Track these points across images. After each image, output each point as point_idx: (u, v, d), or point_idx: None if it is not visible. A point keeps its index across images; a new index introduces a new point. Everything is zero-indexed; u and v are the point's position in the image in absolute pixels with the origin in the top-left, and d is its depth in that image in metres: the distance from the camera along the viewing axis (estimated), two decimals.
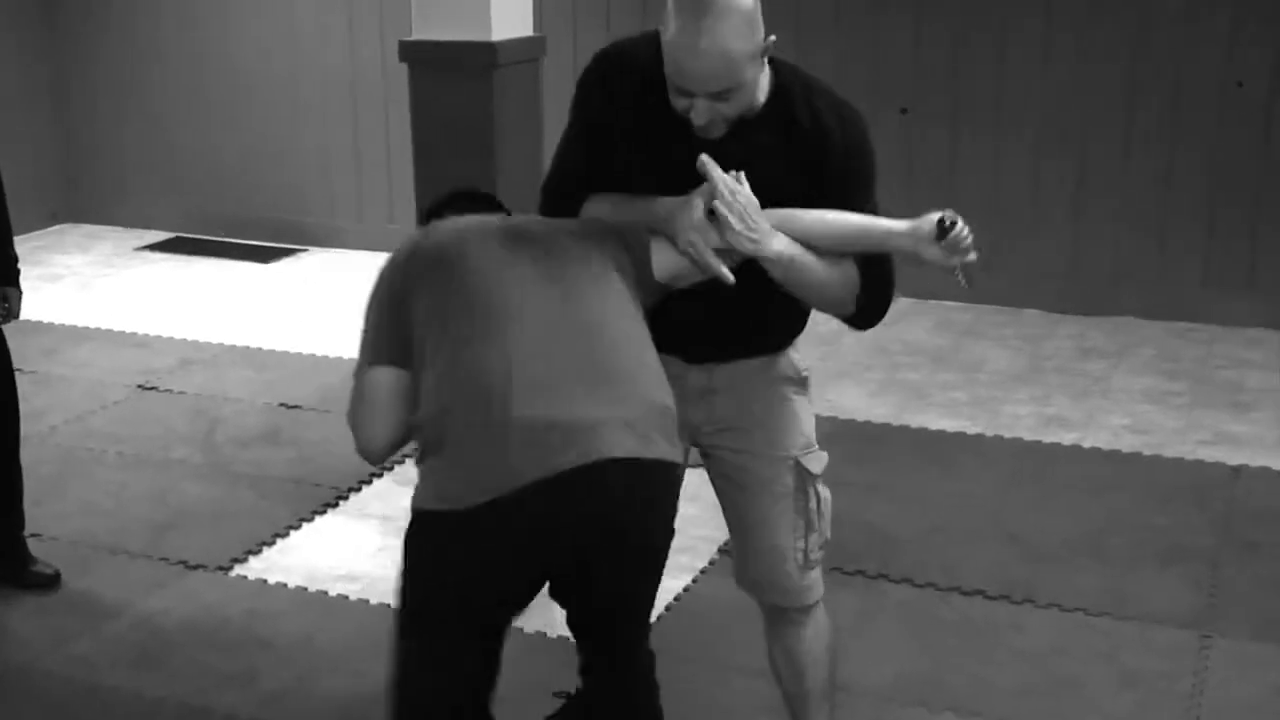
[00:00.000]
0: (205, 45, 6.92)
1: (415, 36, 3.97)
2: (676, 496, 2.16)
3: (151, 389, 4.93)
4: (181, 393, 4.89)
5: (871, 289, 2.31)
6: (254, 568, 3.64)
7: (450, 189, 2.51)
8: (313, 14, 6.65)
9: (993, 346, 5.37)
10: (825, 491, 2.46)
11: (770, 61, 2.23)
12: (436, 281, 2.14)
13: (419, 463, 2.08)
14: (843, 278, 2.27)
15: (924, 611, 3.39)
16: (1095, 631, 3.29)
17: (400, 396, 2.17)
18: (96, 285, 6.34)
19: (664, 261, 2.23)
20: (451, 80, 3.87)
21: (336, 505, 4.00)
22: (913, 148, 5.83)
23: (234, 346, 5.39)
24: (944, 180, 5.80)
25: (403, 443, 2.21)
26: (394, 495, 3.96)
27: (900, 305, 5.83)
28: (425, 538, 2.03)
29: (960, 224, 2.22)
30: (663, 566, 2.17)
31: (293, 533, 3.83)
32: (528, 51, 4.02)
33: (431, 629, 2.08)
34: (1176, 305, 5.61)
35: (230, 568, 3.63)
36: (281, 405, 4.76)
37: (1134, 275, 5.67)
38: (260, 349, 5.36)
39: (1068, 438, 4.47)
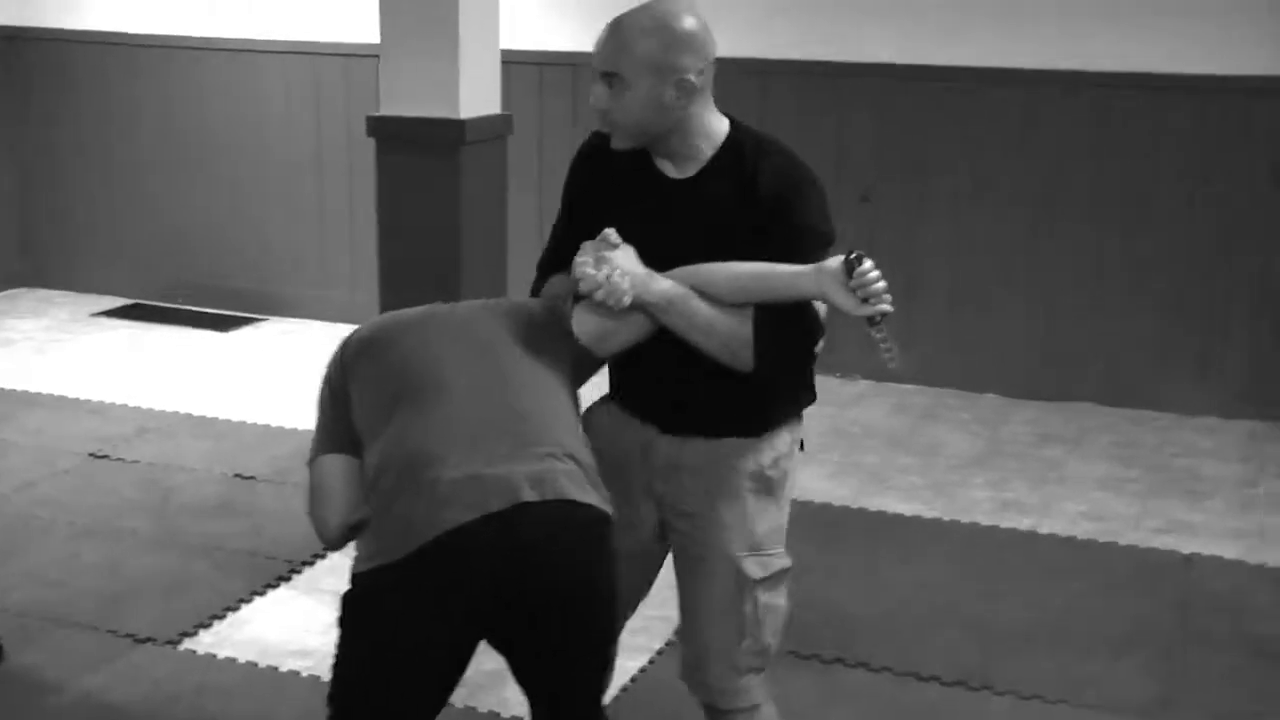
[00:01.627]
0: (169, 112, 6.93)
1: (383, 112, 4.01)
2: (602, 540, 2.14)
3: (104, 457, 4.89)
4: (135, 461, 4.85)
5: (774, 335, 2.25)
6: (204, 641, 3.59)
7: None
8: (279, 84, 6.69)
9: (951, 430, 5.41)
10: (771, 599, 2.38)
11: (731, 121, 2.34)
12: (369, 368, 2.30)
13: (354, 536, 2.23)
14: (731, 323, 2.24)
15: (880, 697, 3.38)
16: (1053, 718, 3.29)
17: (349, 481, 2.30)
18: (51, 351, 6.29)
19: (583, 324, 2.32)
20: (418, 155, 3.90)
21: (289, 579, 3.96)
22: (874, 233, 5.90)
23: (190, 415, 5.35)
24: (903, 263, 5.86)
25: (359, 527, 2.27)
26: (347, 570, 3.91)
27: (859, 387, 5.87)
28: (361, 596, 2.11)
29: (868, 262, 2.19)
30: (600, 616, 2.17)
31: (244, 606, 3.78)
32: (495, 129, 4.07)
33: (370, 696, 2.10)
34: (1133, 392, 5.68)
35: (180, 641, 3.58)
36: (236, 476, 4.72)
37: (1092, 362, 5.74)
38: (216, 418, 5.32)
39: (1024, 523, 4.49)
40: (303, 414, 2.45)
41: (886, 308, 2.20)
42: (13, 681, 3.36)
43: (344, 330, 2.49)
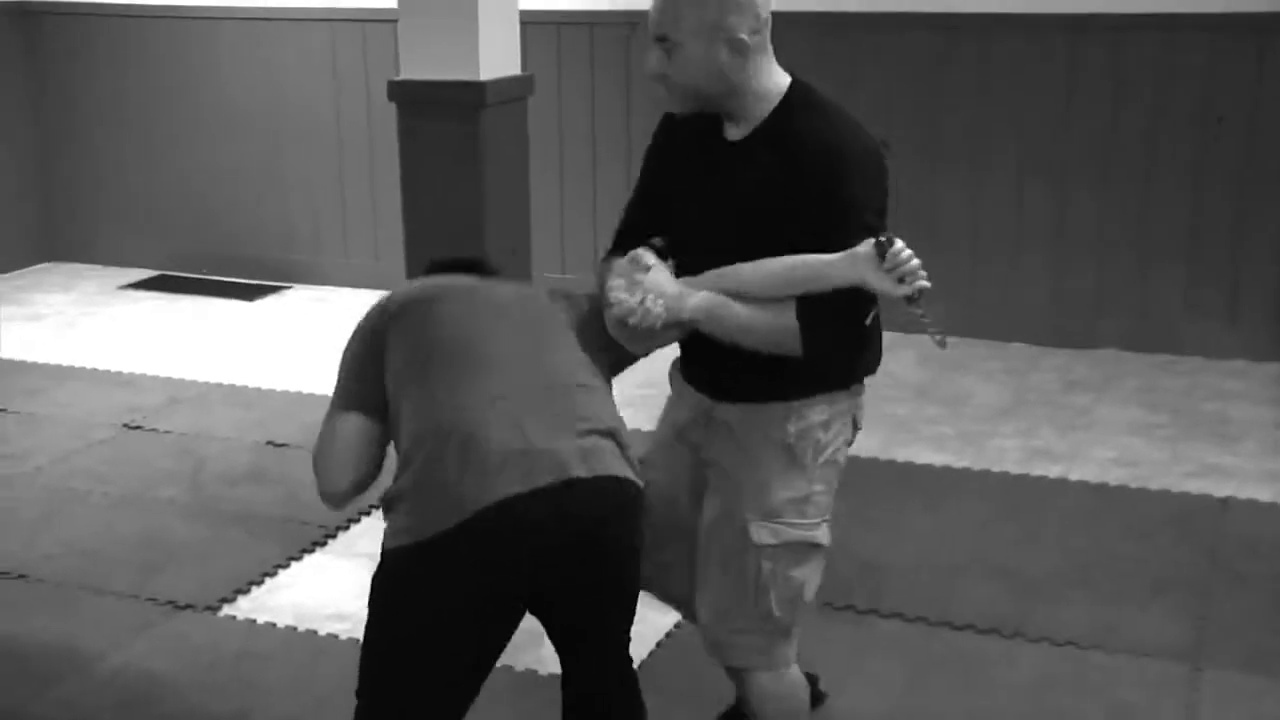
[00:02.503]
0: (188, 83, 6.93)
1: (403, 76, 3.99)
2: (639, 512, 2.18)
3: (137, 428, 4.92)
4: (167, 432, 4.88)
5: (819, 318, 2.22)
6: (242, 608, 3.62)
7: (436, 260, 2.56)
8: (297, 51, 6.67)
9: (978, 380, 5.39)
10: (781, 569, 2.35)
11: (793, 79, 2.31)
12: (408, 333, 2.26)
13: (387, 510, 2.11)
14: (770, 319, 2.22)
15: (915, 646, 3.39)
16: (1086, 664, 3.30)
17: (368, 444, 2.27)
18: (80, 324, 6.32)
19: (619, 331, 2.32)
20: (440, 119, 3.88)
21: (325, 544, 3.98)
22: (893, 181, 5.85)
23: (220, 384, 5.38)
24: (924, 214, 5.83)
25: (362, 490, 2.29)
26: (382, 534, 3.95)
27: (885, 339, 5.83)
28: (401, 573, 2.05)
29: (899, 242, 2.18)
30: (635, 581, 2.21)
31: (281, 572, 3.81)
32: (515, 90, 4.05)
33: (407, 673, 2.07)
34: (1159, 337, 5.64)
35: (218, 608, 3.61)
36: (268, 443, 4.75)
37: (1116, 308, 5.71)
38: (246, 387, 5.35)
39: (1054, 470, 4.48)
40: (331, 380, 2.40)
41: (924, 284, 2.19)
42: (56, 648, 3.40)
43: (370, 296, 2.48)
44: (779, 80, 2.30)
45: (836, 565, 3.76)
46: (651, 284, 2.24)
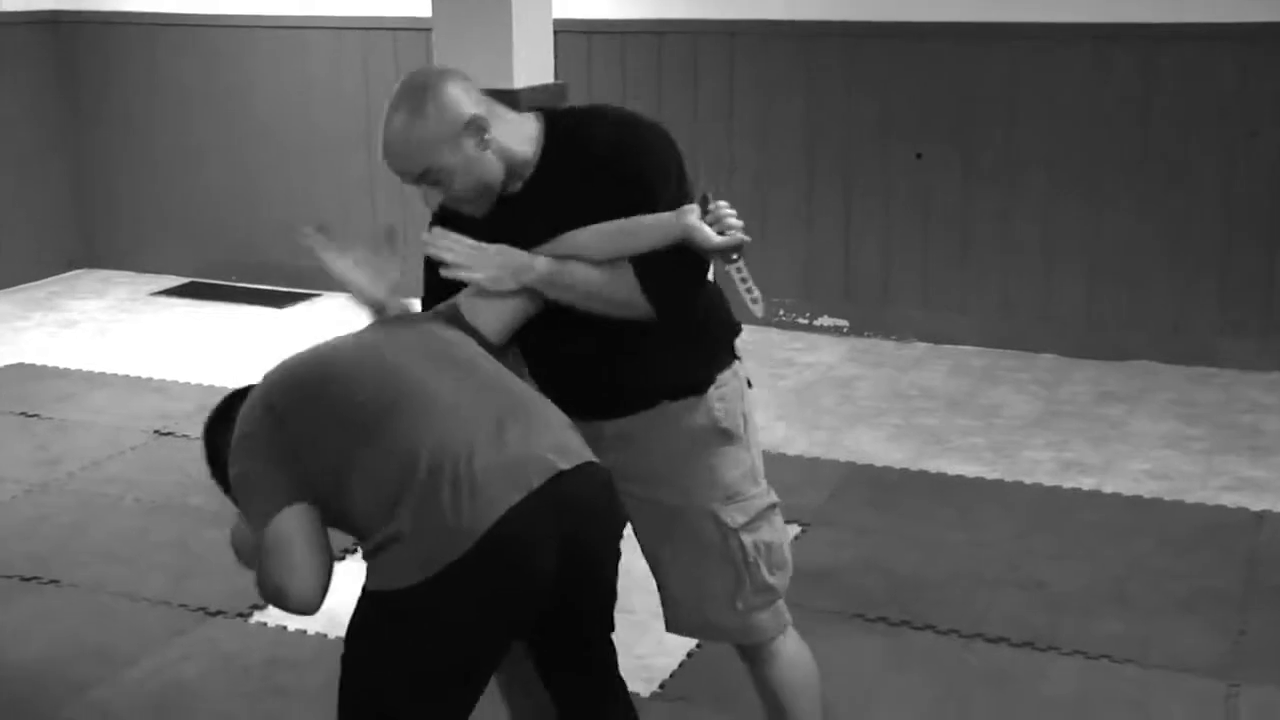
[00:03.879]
0: (219, 91, 6.96)
1: None
2: (614, 487, 2.20)
3: (169, 434, 4.94)
4: (199, 439, 4.87)
5: (658, 272, 2.28)
6: (274, 614, 3.62)
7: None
8: (328, 56, 6.70)
9: (1010, 391, 5.37)
10: (760, 537, 2.41)
11: (541, 113, 2.35)
12: (320, 414, 2.11)
13: (375, 554, 2.04)
14: (614, 277, 2.28)
15: (948, 659, 3.37)
16: (1121, 679, 3.27)
17: (318, 529, 2.11)
18: (113, 330, 6.36)
19: (476, 312, 2.30)
20: None
21: (355, 550, 3.98)
22: (928, 191, 5.85)
23: None
24: (958, 224, 5.81)
25: (331, 576, 2.13)
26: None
27: (916, 350, 5.84)
28: (418, 610, 2.00)
29: (720, 201, 2.29)
30: (616, 562, 2.22)
31: None
32: (549, 98, 4.05)
33: (427, 708, 2.05)
34: (1192, 350, 5.61)
35: (249, 614, 3.62)
36: None
37: (1149, 320, 5.67)
38: None
39: (1087, 483, 4.45)
40: None
41: (741, 236, 2.27)
42: (89, 653, 3.41)
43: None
44: (526, 122, 2.34)
45: (867, 578, 3.76)
46: (463, 246, 2.28)
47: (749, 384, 2.51)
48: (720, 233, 2.26)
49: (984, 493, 4.39)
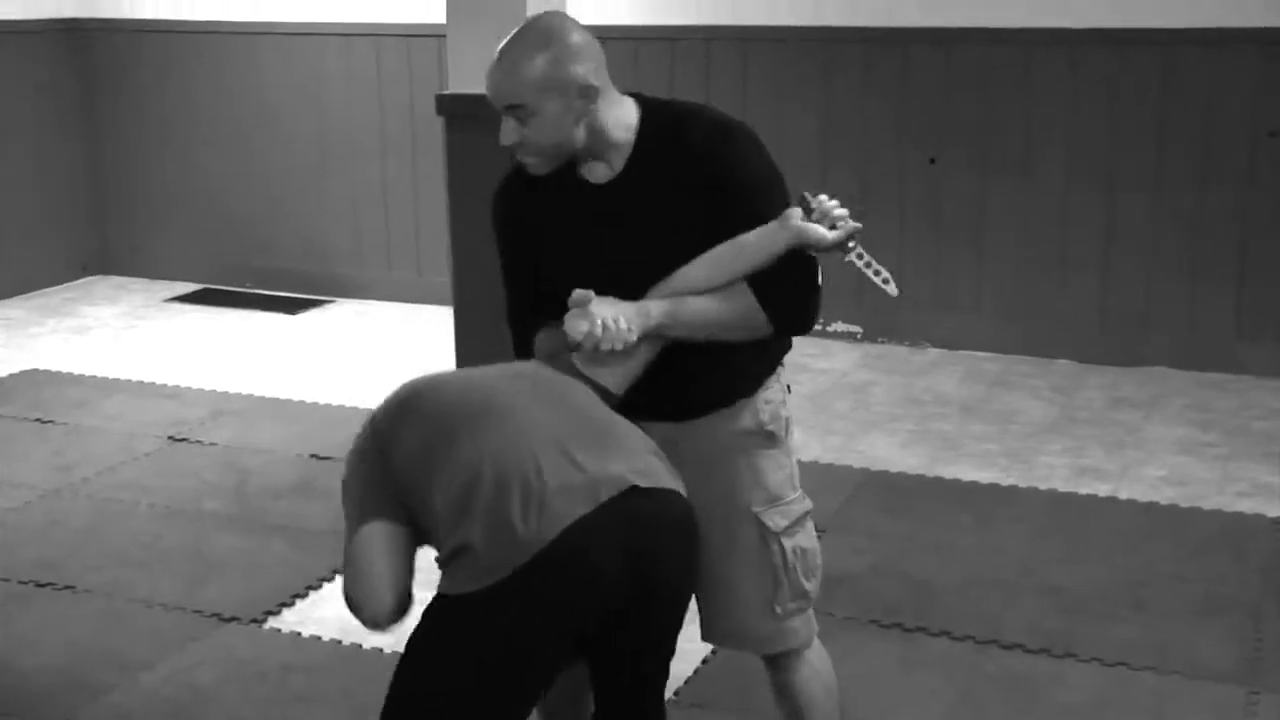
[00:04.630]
0: (235, 98, 6.99)
1: (452, 89, 4.01)
2: (696, 529, 2.19)
3: (182, 440, 4.95)
4: (212, 444, 4.90)
5: (776, 287, 2.27)
6: (288, 620, 3.63)
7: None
8: (341, 62, 6.72)
9: (1024, 397, 5.36)
10: (798, 542, 2.42)
11: (640, 101, 2.33)
12: (413, 427, 2.17)
13: (447, 564, 2.06)
14: (733, 305, 2.27)
15: (964, 665, 3.36)
16: (1139, 686, 3.25)
17: (400, 549, 2.16)
18: (126, 337, 6.37)
19: (595, 371, 2.27)
20: (489, 133, 3.86)
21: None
22: (940, 199, 5.84)
23: (264, 398, 5.40)
24: (971, 229, 5.80)
25: (409, 603, 2.17)
26: (427, 546, 3.95)
27: (929, 356, 5.83)
28: (478, 617, 2.02)
29: (822, 195, 2.27)
30: (687, 599, 2.22)
31: (325, 585, 3.81)
32: None
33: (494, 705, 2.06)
34: (1208, 355, 5.59)
35: (264, 620, 3.62)
36: (313, 456, 4.76)
37: (1165, 324, 5.65)
38: (290, 400, 5.37)
39: (1103, 489, 4.44)
40: (376, 393, 2.36)
41: (853, 224, 2.27)
42: (105, 658, 3.42)
43: (413, 311, 2.44)
44: (628, 107, 2.33)
45: (881, 583, 3.75)
46: (603, 310, 2.24)
47: (789, 389, 2.51)
48: (831, 227, 2.24)
49: (999, 498, 4.38)
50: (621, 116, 2.30)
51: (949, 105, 5.78)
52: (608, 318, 2.21)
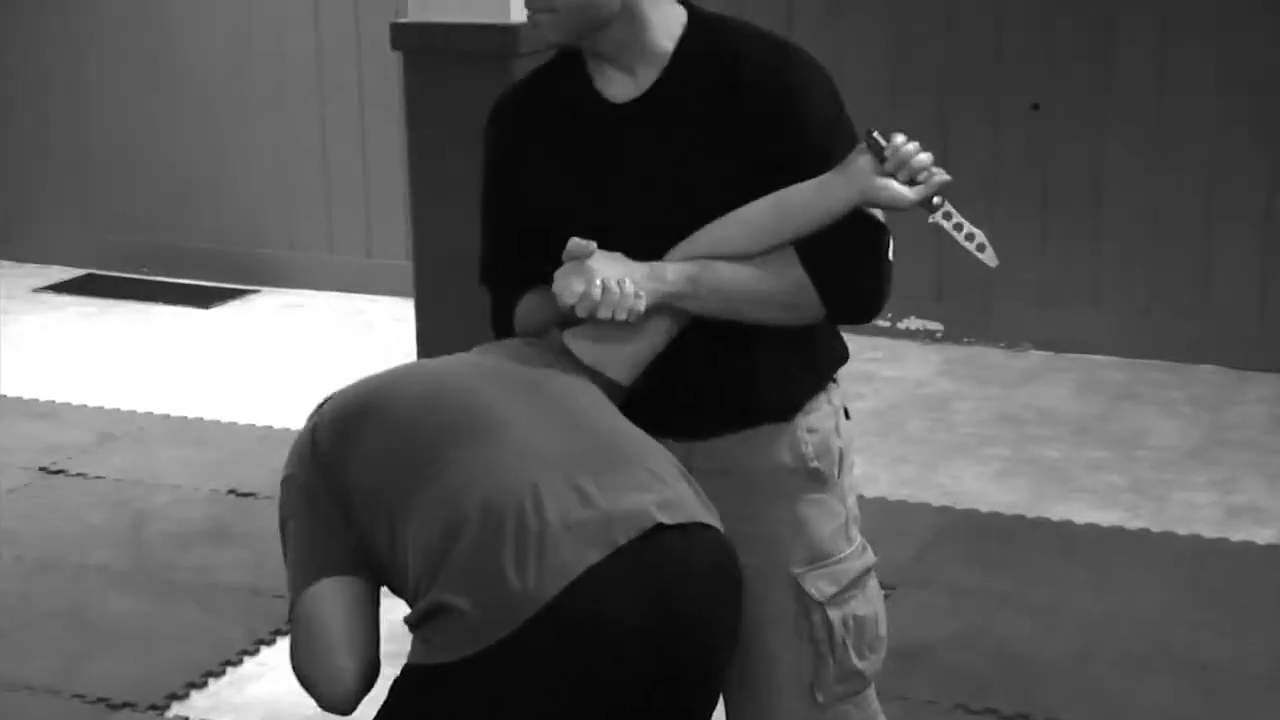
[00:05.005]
0: (133, 43, 6.99)
1: (411, 17, 4.03)
2: (737, 568, 2.18)
3: (59, 472, 4.96)
4: (99, 477, 4.92)
5: (835, 259, 2.25)
6: (198, 705, 3.64)
7: None
8: (271, 6, 6.73)
9: (1157, 414, 5.36)
10: (850, 610, 2.39)
11: (689, 9, 2.34)
12: (370, 441, 2.17)
13: (422, 621, 2.06)
14: (776, 276, 2.26)
15: None
16: None
17: (362, 608, 2.16)
18: None
19: (594, 353, 2.28)
20: (460, 73, 3.90)
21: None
22: (1046, 153, 5.84)
23: (166, 416, 5.42)
24: (1087, 196, 5.80)
25: (375, 671, 2.18)
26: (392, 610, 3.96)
27: (1030, 360, 5.84)
28: (463, 693, 2.02)
29: (898, 136, 2.20)
30: (726, 664, 2.21)
31: (247, 659, 3.83)
32: None
33: None
34: None
35: (166, 706, 3.63)
36: (230, 493, 4.78)
37: None
38: (200, 419, 5.39)
39: (1262, 535, 4.44)
40: (309, 410, 2.35)
41: (940, 176, 2.21)
42: None
43: (360, 302, 2.42)
44: (675, 11, 2.34)
45: (971, 656, 3.75)
46: (605, 268, 2.23)
47: (846, 414, 2.48)
48: (910, 181, 2.20)
49: (1123, 546, 4.38)
50: (663, 19, 2.31)
51: (1056, 33, 5.78)
52: (610, 278, 2.20)
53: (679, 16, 2.34)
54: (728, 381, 2.35)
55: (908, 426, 5.28)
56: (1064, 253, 5.90)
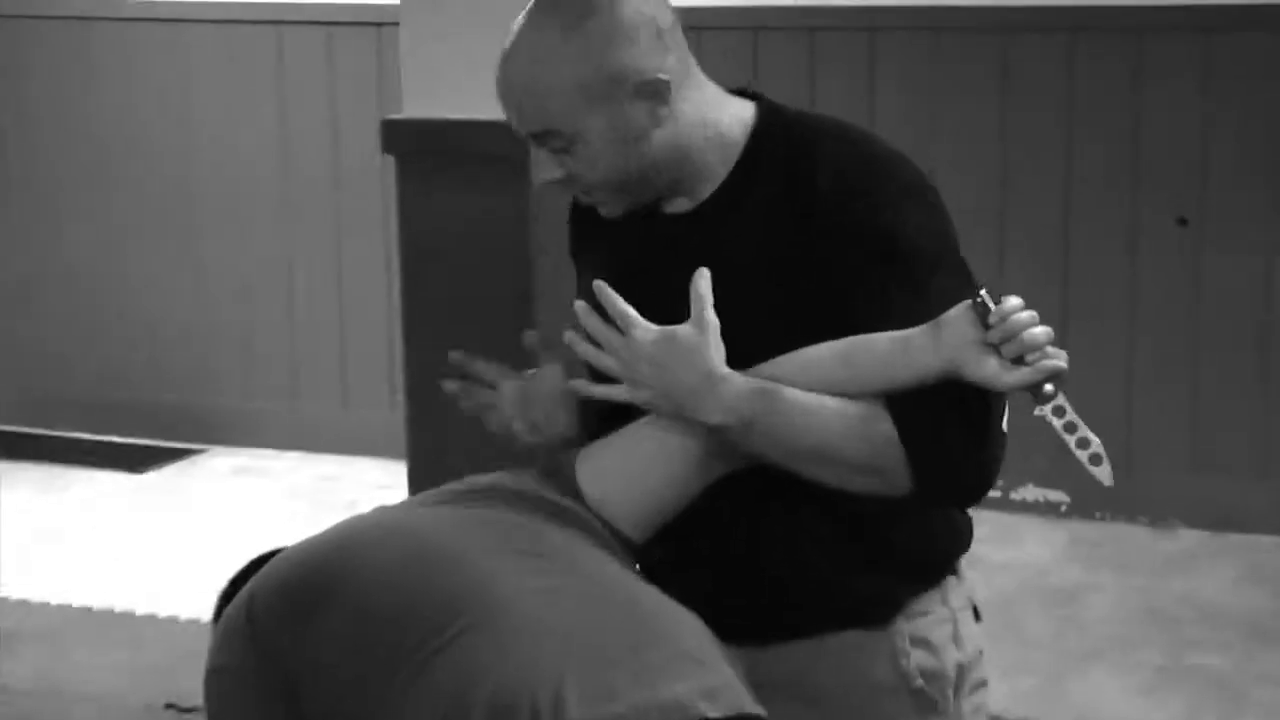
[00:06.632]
0: (54, 115, 7.07)
1: (406, 113, 4.09)
2: None
3: None
4: (2, 686, 4.91)
5: (935, 420, 2.21)
6: None
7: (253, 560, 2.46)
8: (224, 69, 6.80)
9: None
10: None
11: (756, 102, 2.37)
12: (305, 612, 2.19)
13: None
14: (859, 422, 2.22)
15: None
16: None
17: None
18: None
19: (602, 487, 2.32)
20: (464, 178, 3.94)
21: None
22: (1200, 279, 5.86)
23: (89, 609, 5.42)
24: (1249, 330, 5.80)
25: None
26: None
27: (1182, 541, 5.82)
28: None
29: (1012, 299, 2.17)
30: None
31: None
32: None
33: None
34: None
35: None
36: (169, 708, 4.76)
37: None
38: (132, 613, 5.39)
39: None
40: None
41: (1055, 362, 2.16)
42: None
43: (334, 467, 2.45)
44: (730, 108, 2.36)
45: None
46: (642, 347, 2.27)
47: (977, 614, 2.46)
48: (1018, 359, 2.16)
49: None
50: (720, 119, 2.33)
51: (1213, 131, 5.83)
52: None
53: (742, 115, 2.36)
54: (790, 565, 2.34)
55: (1027, 626, 5.26)
56: (1222, 405, 5.90)
